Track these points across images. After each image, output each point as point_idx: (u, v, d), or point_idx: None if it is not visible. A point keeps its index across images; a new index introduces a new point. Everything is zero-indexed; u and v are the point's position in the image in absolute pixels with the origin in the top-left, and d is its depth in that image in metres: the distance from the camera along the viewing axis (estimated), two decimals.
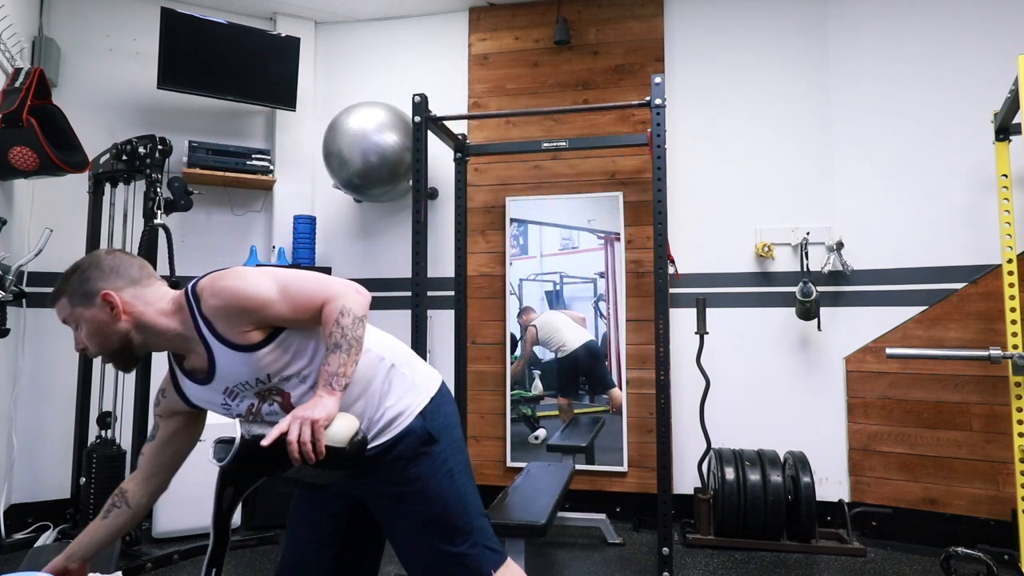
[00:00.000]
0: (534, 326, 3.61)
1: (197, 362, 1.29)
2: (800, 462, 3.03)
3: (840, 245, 3.27)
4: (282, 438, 1.10)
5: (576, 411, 3.54)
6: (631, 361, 3.50)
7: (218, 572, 1.17)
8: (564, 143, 3.36)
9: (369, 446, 1.27)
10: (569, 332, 3.57)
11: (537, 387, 3.59)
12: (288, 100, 3.70)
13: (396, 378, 1.36)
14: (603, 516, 3.22)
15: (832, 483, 3.24)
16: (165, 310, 1.26)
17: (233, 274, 1.25)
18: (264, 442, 1.09)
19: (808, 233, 3.34)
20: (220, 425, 3.06)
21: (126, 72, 3.56)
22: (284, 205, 3.81)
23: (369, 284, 2.29)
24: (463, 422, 3.29)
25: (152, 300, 1.27)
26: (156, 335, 1.26)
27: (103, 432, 2.94)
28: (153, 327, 1.25)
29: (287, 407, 1.29)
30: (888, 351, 2.90)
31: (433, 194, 3.79)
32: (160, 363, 3.15)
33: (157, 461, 1.41)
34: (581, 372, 3.55)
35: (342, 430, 1.14)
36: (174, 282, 2.86)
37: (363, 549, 1.47)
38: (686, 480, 3.36)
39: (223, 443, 1.12)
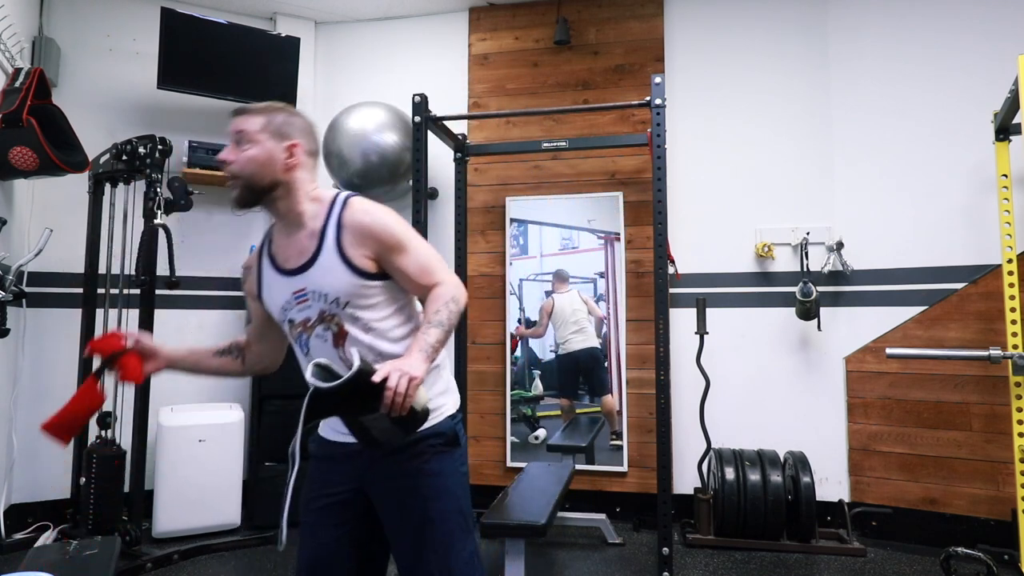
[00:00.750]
0: (552, 299, 3.60)
1: (290, 251, 1.35)
2: (800, 462, 3.04)
3: (840, 245, 3.27)
4: (383, 382, 1.14)
5: (577, 411, 3.54)
6: (631, 361, 3.50)
7: (295, 499, 1.23)
8: (564, 143, 3.36)
9: None
10: (574, 330, 3.55)
11: (537, 387, 3.59)
12: (288, 100, 3.70)
13: (437, 378, 1.41)
14: (603, 516, 3.22)
15: (832, 483, 3.24)
16: (309, 193, 1.36)
17: (388, 209, 1.36)
18: (376, 377, 1.13)
19: (808, 233, 3.34)
20: (200, 426, 3.03)
21: (126, 72, 3.56)
22: None
23: None
24: (463, 422, 3.29)
25: (309, 178, 1.38)
26: (290, 203, 1.34)
27: (103, 432, 2.94)
28: (295, 196, 1.34)
29: (337, 342, 1.32)
30: (888, 351, 2.90)
31: (433, 194, 3.79)
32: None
33: (265, 342, 1.50)
34: (580, 372, 3.55)
35: (420, 395, 1.20)
36: (174, 282, 2.86)
37: (374, 548, 1.46)
38: (686, 480, 3.36)
39: (320, 367, 1.16)
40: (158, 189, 2.92)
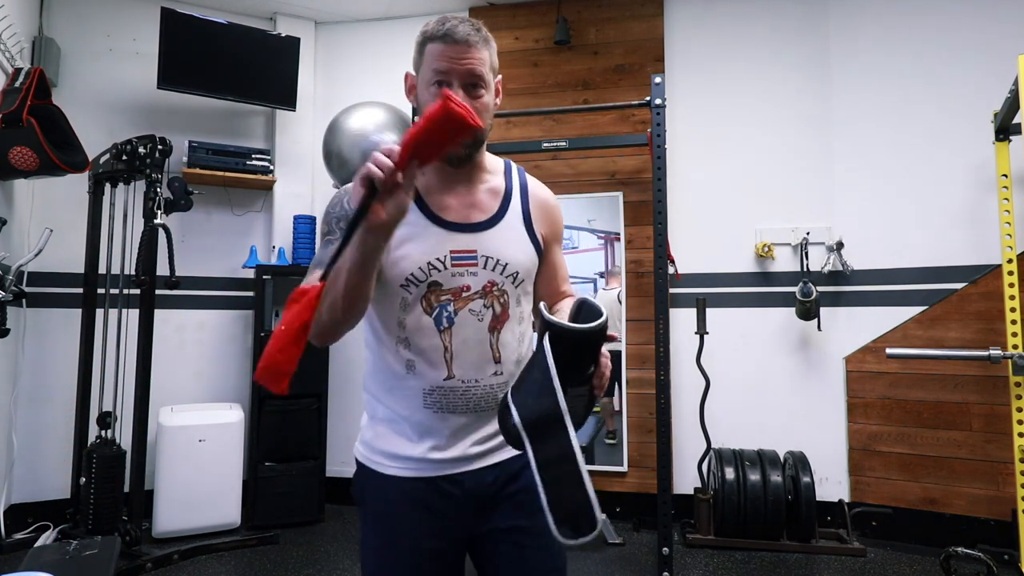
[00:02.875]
0: (598, 295, 3.55)
1: (456, 202, 1.09)
2: (800, 462, 3.04)
3: (840, 245, 3.27)
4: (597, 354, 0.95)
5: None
6: (631, 361, 3.50)
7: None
8: (564, 143, 3.36)
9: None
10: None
11: None
12: (288, 100, 3.70)
13: None
14: (603, 516, 3.22)
15: (832, 483, 3.24)
16: None
17: None
18: (611, 333, 0.94)
19: (808, 233, 3.34)
20: (206, 427, 3.02)
21: (126, 72, 3.56)
22: (284, 205, 3.81)
23: None
24: None
25: None
26: (480, 152, 1.12)
27: (103, 432, 2.94)
28: (486, 144, 1.14)
29: (494, 325, 1.09)
30: (888, 351, 2.90)
31: None
32: (162, 360, 3.16)
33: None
34: None
35: None
36: (174, 282, 2.86)
37: None
38: (686, 480, 3.36)
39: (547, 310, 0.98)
40: (158, 189, 2.92)
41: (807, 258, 3.30)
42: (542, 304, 0.98)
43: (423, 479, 1.08)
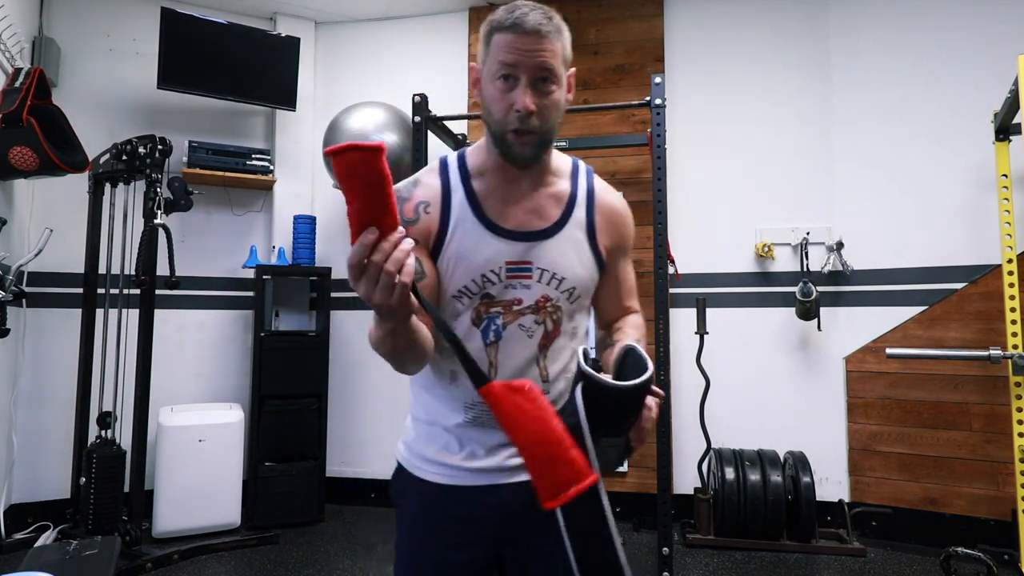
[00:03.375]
0: None
1: (515, 208, 1.03)
2: (800, 462, 3.04)
3: (840, 245, 3.27)
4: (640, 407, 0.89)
5: None
6: None
7: None
8: (564, 143, 3.36)
9: None
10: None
11: None
12: (288, 100, 3.70)
13: None
14: None
15: (832, 483, 3.24)
16: None
17: None
18: (656, 390, 0.88)
19: (808, 233, 3.34)
20: (202, 425, 3.00)
21: (126, 72, 3.56)
22: (284, 205, 3.81)
23: None
24: None
25: None
26: (548, 153, 1.04)
27: (103, 432, 2.94)
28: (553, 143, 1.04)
29: (544, 343, 1.04)
30: (888, 351, 2.90)
31: None
32: (162, 360, 3.15)
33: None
34: None
35: None
36: (174, 282, 2.85)
37: None
38: (686, 480, 3.36)
39: (586, 357, 0.89)
40: (158, 189, 2.92)
41: (807, 258, 3.30)
42: (580, 350, 0.90)
43: (459, 487, 1.05)
